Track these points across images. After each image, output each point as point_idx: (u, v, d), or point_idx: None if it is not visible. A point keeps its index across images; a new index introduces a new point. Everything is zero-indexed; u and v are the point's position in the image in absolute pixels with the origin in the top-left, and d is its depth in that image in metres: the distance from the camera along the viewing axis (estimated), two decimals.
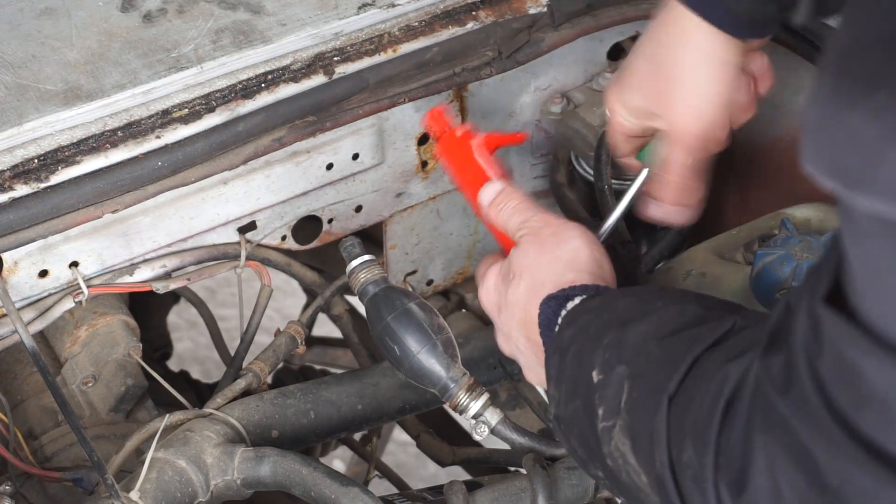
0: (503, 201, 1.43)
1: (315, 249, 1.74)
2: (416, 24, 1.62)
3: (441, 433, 1.83)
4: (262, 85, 1.54)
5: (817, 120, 0.87)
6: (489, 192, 1.44)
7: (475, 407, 1.41)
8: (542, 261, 1.35)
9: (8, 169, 1.43)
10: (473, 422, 1.42)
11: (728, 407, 1.06)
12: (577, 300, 1.31)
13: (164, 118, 1.50)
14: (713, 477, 1.06)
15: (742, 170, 1.85)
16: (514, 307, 1.37)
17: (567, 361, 1.26)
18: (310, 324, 1.74)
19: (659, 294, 1.27)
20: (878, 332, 0.88)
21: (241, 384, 1.57)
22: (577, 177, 1.76)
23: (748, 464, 1.02)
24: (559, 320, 1.30)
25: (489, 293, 1.41)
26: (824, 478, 0.94)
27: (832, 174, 0.86)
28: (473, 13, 1.64)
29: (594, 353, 1.22)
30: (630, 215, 1.67)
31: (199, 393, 2.04)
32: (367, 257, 1.47)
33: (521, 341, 1.37)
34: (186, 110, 1.51)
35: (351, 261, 1.47)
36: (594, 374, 1.21)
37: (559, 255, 1.35)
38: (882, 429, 0.90)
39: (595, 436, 1.20)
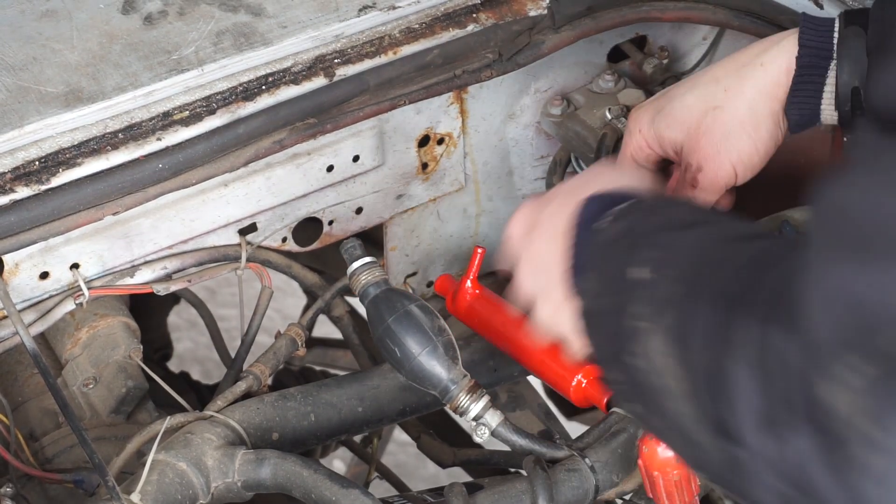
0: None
1: (315, 251, 1.74)
2: (417, 26, 1.62)
3: (442, 434, 1.83)
4: (263, 87, 1.54)
5: None
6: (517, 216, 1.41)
7: (476, 409, 1.41)
8: (586, 178, 1.35)
9: (9, 171, 1.43)
10: (474, 424, 1.42)
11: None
12: (624, 204, 1.26)
13: (165, 120, 1.50)
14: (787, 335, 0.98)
15: None
16: (546, 223, 1.32)
17: (612, 253, 1.21)
18: (310, 326, 1.75)
19: (710, 209, 1.25)
20: None
21: (241, 387, 1.57)
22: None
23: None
24: (604, 218, 1.25)
25: (519, 221, 1.37)
26: None
27: None
28: (474, 15, 1.64)
29: (644, 251, 1.17)
30: None
31: (200, 394, 2.04)
32: (368, 259, 1.47)
33: (549, 265, 1.31)
34: (187, 112, 1.51)
35: (352, 262, 1.47)
36: (642, 270, 1.16)
37: (602, 173, 1.36)
38: None
39: (623, 333, 1.15)
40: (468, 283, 1.58)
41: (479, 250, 1.58)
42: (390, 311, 1.43)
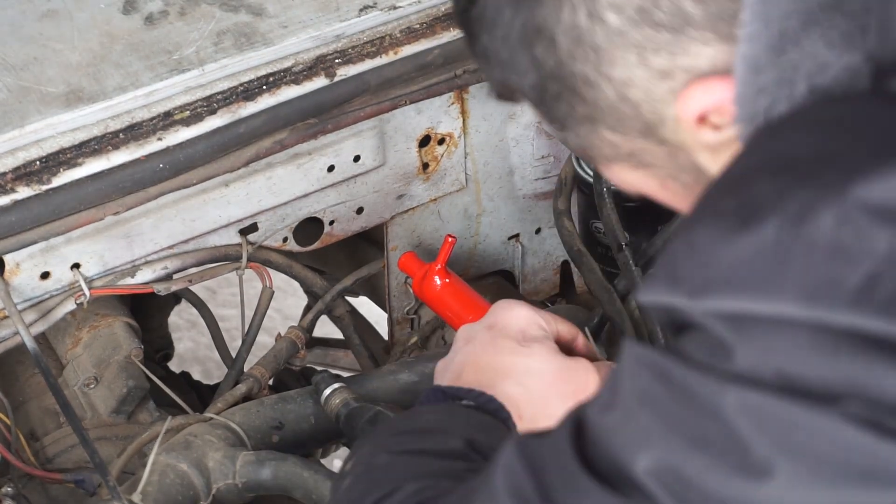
0: None
1: (316, 251, 1.74)
2: (418, 26, 1.62)
3: None
4: (264, 87, 1.54)
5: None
6: None
7: None
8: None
9: (10, 171, 1.43)
10: None
11: None
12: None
13: (166, 120, 1.50)
14: None
15: None
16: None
17: None
18: (311, 326, 1.75)
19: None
20: None
21: (241, 389, 1.58)
22: (578, 178, 1.76)
23: None
24: None
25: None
26: None
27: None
28: None
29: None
30: (630, 216, 1.68)
31: (201, 394, 2.04)
32: (336, 385, 1.54)
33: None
34: (188, 112, 1.51)
35: (325, 389, 1.54)
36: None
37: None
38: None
39: None
40: (437, 272, 1.63)
41: (450, 239, 1.64)
42: (359, 420, 1.50)
